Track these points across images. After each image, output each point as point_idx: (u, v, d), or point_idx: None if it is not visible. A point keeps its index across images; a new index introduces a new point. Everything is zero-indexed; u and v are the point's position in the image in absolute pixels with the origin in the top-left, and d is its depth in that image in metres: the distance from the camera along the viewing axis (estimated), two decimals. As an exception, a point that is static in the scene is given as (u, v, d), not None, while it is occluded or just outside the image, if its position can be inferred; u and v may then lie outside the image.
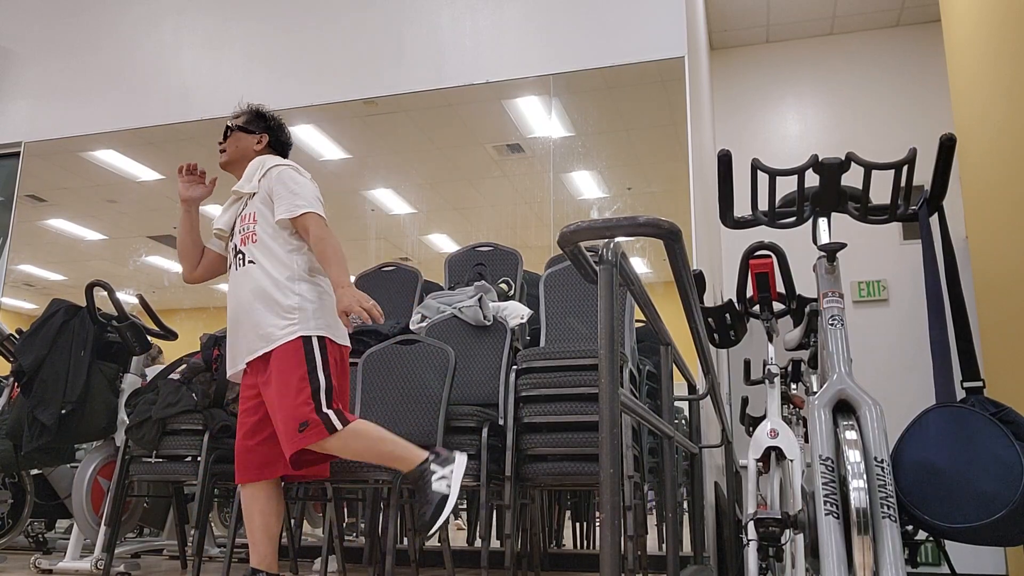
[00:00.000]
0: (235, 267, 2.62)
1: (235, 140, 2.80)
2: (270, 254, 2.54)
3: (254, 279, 2.53)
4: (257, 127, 2.82)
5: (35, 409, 3.49)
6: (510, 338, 3.30)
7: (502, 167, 5.06)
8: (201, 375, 3.53)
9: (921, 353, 5.07)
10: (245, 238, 2.60)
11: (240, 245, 2.61)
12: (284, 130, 2.89)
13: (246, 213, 2.65)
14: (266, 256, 2.54)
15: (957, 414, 1.70)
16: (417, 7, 5.29)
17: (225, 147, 2.80)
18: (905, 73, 6.01)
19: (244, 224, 2.63)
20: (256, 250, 2.56)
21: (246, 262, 2.57)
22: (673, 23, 4.70)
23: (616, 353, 1.37)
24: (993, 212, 3.78)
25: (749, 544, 2.54)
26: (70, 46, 6.07)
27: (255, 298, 2.50)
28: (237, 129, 2.79)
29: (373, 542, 3.56)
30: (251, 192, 2.65)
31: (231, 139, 2.80)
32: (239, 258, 2.60)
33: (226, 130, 2.81)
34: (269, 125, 2.85)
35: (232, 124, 2.79)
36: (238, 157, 2.78)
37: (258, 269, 2.53)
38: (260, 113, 2.86)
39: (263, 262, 2.54)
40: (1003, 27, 3.43)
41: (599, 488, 1.33)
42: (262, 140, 2.81)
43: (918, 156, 1.81)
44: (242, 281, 2.56)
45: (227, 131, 2.81)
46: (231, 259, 2.65)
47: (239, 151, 2.78)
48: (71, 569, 3.51)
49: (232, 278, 2.62)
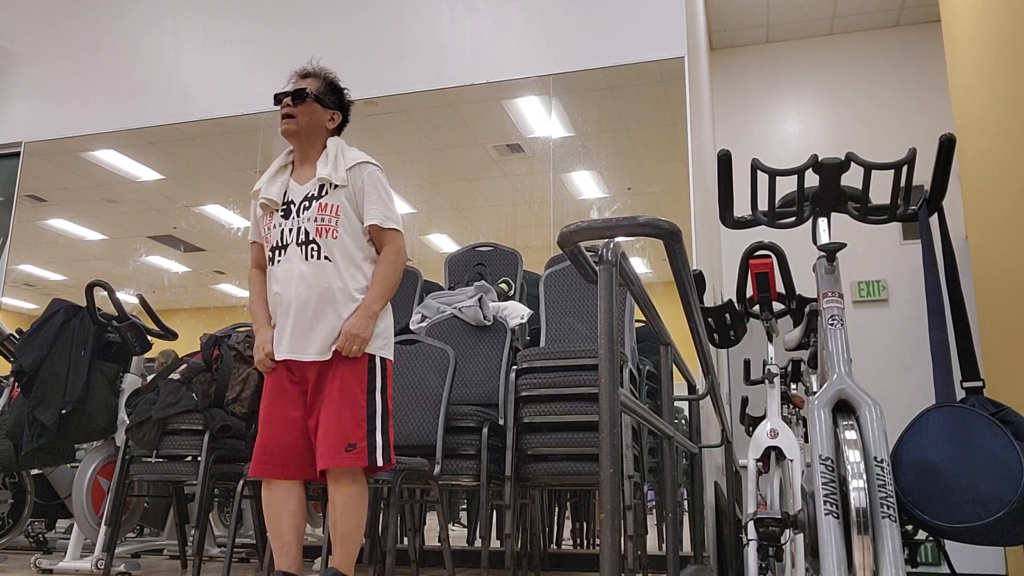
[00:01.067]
0: (302, 253, 2.42)
1: (310, 110, 2.51)
2: (348, 257, 2.43)
3: (328, 278, 2.40)
4: (332, 101, 2.58)
5: (35, 409, 3.49)
6: (510, 338, 3.30)
7: (502, 167, 5.06)
8: (201, 375, 3.53)
9: (921, 353, 5.10)
10: (322, 229, 2.42)
11: (315, 235, 2.42)
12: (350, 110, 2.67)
13: (327, 203, 2.44)
14: (344, 258, 2.42)
15: (957, 414, 1.70)
16: (417, 7, 5.29)
17: (296, 114, 2.49)
18: (905, 73, 6.01)
19: (323, 214, 2.43)
20: (335, 248, 2.42)
21: (321, 256, 2.41)
22: (673, 23, 4.70)
23: (616, 353, 1.37)
24: (993, 212, 3.78)
25: (749, 544, 2.54)
26: (70, 46, 6.07)
27: (329, 299, 2.39)
28: (314, 98, 2.51)
29: (373, 542, 3.56)
30: (335, 182, 2.45)
31: (305, 107, 2.50)
32: (312, 248, 2.41)
33: (297, 93, 2.50)
34: (343, 102, 2.63)
35: (310, 91, 2.51)
36: (308, 130, 2.52)
37: (333, 269, 2.41)
38: (337, 86, 2.62)
39: (340, 263, 2.41)
40: (1003, 27, 3.43)
41: (599, 488, 1.33)
42: (335, 118, 2.59)
43: (918, 156, 1.81)
44: (313, 273, 2.40)
45: (299, 95, 2.50)
46: (290, 237, 2.44)
47: (311, 124, 2.52)
48: (71, 569, 3.51)
49: (295, 263, 2.42)
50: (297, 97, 2.49)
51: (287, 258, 2.44)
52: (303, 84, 2.54)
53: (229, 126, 5.53)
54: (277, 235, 2.48)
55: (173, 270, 5.58)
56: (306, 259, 2.41)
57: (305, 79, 2.57)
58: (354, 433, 2.31)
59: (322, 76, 2.59)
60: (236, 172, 5.55)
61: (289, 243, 2.44)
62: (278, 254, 2.46)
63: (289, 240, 2.45)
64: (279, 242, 2.47)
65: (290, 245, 2.44)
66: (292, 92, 2.50)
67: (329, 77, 2.60)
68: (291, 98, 2.50)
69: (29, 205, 5.91)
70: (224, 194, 5.57)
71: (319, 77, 2.58)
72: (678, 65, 4.64)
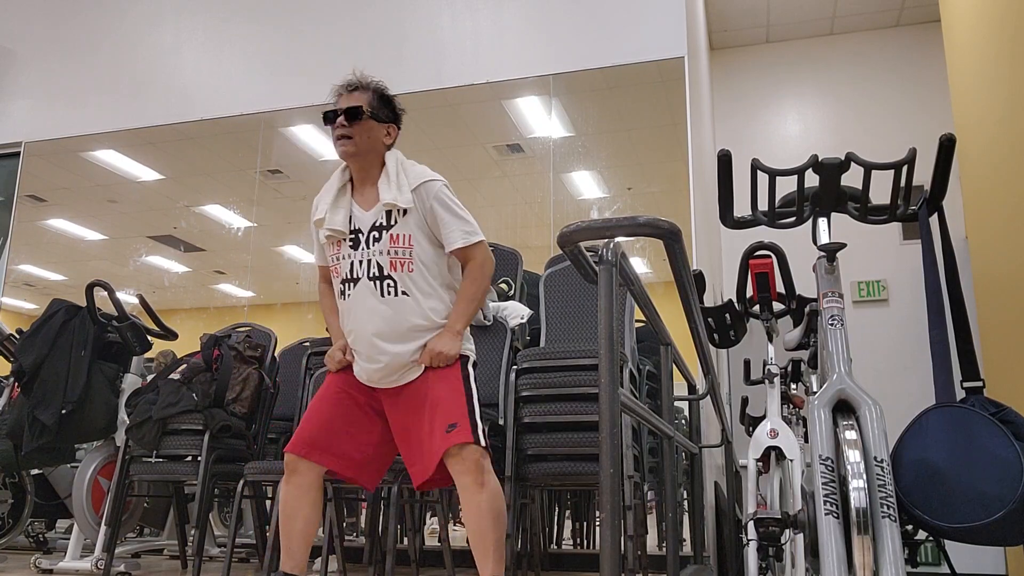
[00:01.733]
0: (376, 289, 2.30)
1: (366, 129, 2.35)
2: (426, 288, 2.32)
3: (408, 316, 2.29)
4: (386, 115, 2.42)
5: (35, 409, 3.49)
6: (510, 338, 3.30)
7: (502, 167, 5.06)
8: (201, 375, 3.53)
9: (921, 353, 5.10)
10: (396, 263, 2.29)
11: (389, 269, 2.29)
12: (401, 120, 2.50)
13: (398, 234, 2.30)
14: (421, 291, 2.31)
15: (957, 414, 1.70)
16: (417, 7, 5.29)
17: (352, 134, 2.33)
18: (905, 73, 6.01)
19: (395, 246, 2.30)
20: (411, 281, 2.29)
21: (398, 292, 2.29)
22: (673, 23, 4.70)
23: (616, 353, 1.37)
24: (993, 212, 3.78)
25: (749, 544, 2.54)
26: (70, 46, 6.07)
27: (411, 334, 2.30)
28: (370, 115, 2.36)
29: (373, 542, 3.56)
30: (401, 206, 2.30)
31: (362, 127, 2.34)
32: (388, 284, 2.29)
33: (352, 112, 2.33)
34: (397, 113, 2.46)
35: (365, 109, 2.35)
36: (366, 149, 2.36)
37: (413, 304, 2.29)
38: (388, 97, 2.45)
39: (418, 297, 2.30)
40: (1003, 27, 3.43)
41: (599, 488, 1.33)
42: (391, 132, 2.44)
43: (918, 156, 1.81)
44: (391, 311, 2.29)
45: (354, 113, 2.33)
46: (361, 271, 2.31)
47: (369, 143, 2.36)
48: (71, 569, 3.51)
49: (369, 299, 2.30)
50: (352, 116, 2.33)
51: (359, 293, 2.32)
52: (354, 100, 2.37)
53: (229, 126, 5.53)
54: (347, 268, 2.34)
55: (173, 270, 5.58)
56: (382, 295, 2.29)
57: (354, 93, 2.39)
58: (455, 416, 2.22)
59: (371, 88, 2.42)
60: (236, 172, 5.55)
61: (360, 277, 2.31)
62: (349, 287, 2.34)
63: (360, 274, 2.32)
64: (349, 275, 2.34)
65: (361, 279, 2.31)
66: (345, 111, 2.33)
67: (379, 88, 2.44)
68: (345, 117, 2.33)
69: (29, 205, 5.91)
70: (224, 194, 5.57)
71: (368, 89, 2.41)
72: (678, 65, 4.64)
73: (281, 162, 5.47)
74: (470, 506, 2.19)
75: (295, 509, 2.30)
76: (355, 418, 2.36)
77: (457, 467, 2.20)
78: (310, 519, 2.32)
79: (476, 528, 2.19)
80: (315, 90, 5.35)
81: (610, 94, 4.88)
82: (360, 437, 2.36)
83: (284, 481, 2.33)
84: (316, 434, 2.31)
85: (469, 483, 2.19)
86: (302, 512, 2.30)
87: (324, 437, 2.31)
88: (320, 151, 5.49)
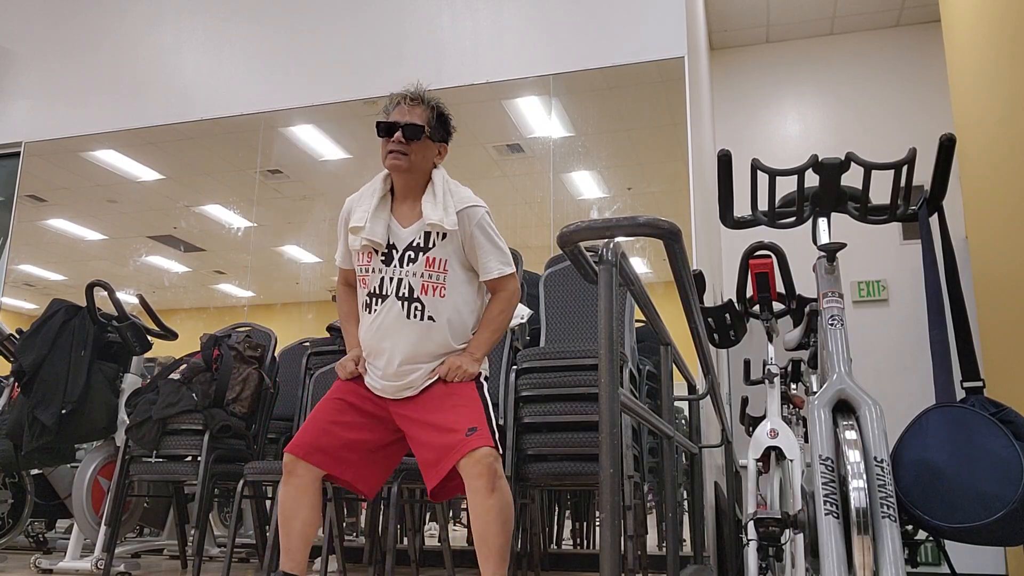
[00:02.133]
0: (403, 310, 2.27)
1: (423, 149, 2.31)
2: (456, 316, 2.31)
3: (431, 339, 2.28)
4: (440, 135, 2.38)
5: (35, 409, 3.49)
6: (510, 338, 3.30)
7: (502, 167, 5.06)
8: (201, 375, 3.53)
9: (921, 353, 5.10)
10: (428, 287, 2.27)
11: (420, 292, 2.27)
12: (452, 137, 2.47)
13: (435, 257, 2.28)
14: (449, 320, 2.29)
15: (957, 414, 1.70)
16: (417, 7, 5.29)
17: (409, 152, 2.29)
18: (905, 73, 6.01)
19: (430, 270, 2.27)
20: (440, 306, 2.28)
21: (424, 316, 2.27)
22: (673, 23, 4.70)
23: (616, 353, 1.37)
24: (993, 212, 3.78)
25: (749, 544, 2.54)
26: (70, 46, 6.08)
27: (431, 359, 2.30)
28: (427, 137, 2.32)
29: (373, 542, 3.56)
30: (446, 228, 2.26)
31: (420, 146, 2.30)
32: (416, 307, 2.26)
33: (413, 130, 2.29)
34: (449, 131, 2.43)
35: (426, 128, 2.32)
36: (417, 168, 2.32)
37: (438, 330, 2.28)
38: (445, 116, 2.40)
39: (445, 326, 2.29)
40: (1003, 27, 3.43)
41: (599, 488, 1.33)
42: (442, 152, 2.41)
43: (918, 156, 1.81)
44: (414, 332, 2.27)
45: (415, 132, 2.29)
46: (390, 288, 2.28)
47: (422, 163, 2.33)
48: (71, 569, 3.51)
49: (394, 318, 2.28)
50: (411, 134, 2.28)
51: (386, 310, 2.29)
52: (415, 116, 2.32)
53: (229, 126, 5.53)
54: (376, 281, 2.31)
55: (173, 270, 5.58)
56: (408, 317, 2.27)
57: (415, 108, 2.34)
58: (473, 420, 2.22)
59: (432, 105, 2.37)
60: (236, 172, 5.55)
61: (389, 294, 2.28)
62: (376, 302, 2.31)
63: (389, 291, 2.28)
64: (378, 290, 2.30)
65: (390, 296, 2.28)
66: (404, 127, 2.28)
67: (440, 107, 2.39)
68: (403, 134, 2.28)
69: (29, 205, 5.91)
70: (224, 194, 5.57)
71: (429, 107, 2.36)
72: (678, 65, 4.64)
73: (281, 162, 5.47)
74: (479, 509, 2.18)
75: (294, 510, 2.29)
76: (358, 426, 2.35)
77: (472, 470, 2.18)
78: (308, 520, 2.31)
79: (482, 531, 2.18)
80: (315, 90, 5.36)
81: (610, 94, 4.88)
82: (361, 445, 2.35)
83: (283, 482, 2.32)
84: (317, 438, 2.30)
85: (481, 486, 2.17)
86: (301, 513, 2.30)
87: (324, 441, 2.30)
88: (320, 151, 5.49)
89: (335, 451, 2.30)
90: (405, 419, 2.34)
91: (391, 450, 2.41)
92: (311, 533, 2.33)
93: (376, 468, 2.39)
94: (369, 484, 2.39)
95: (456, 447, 2.19)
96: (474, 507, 2.19)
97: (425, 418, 2.30)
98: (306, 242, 5.33)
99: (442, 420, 2.26)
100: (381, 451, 2.39)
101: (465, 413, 2.25)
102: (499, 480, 2.19)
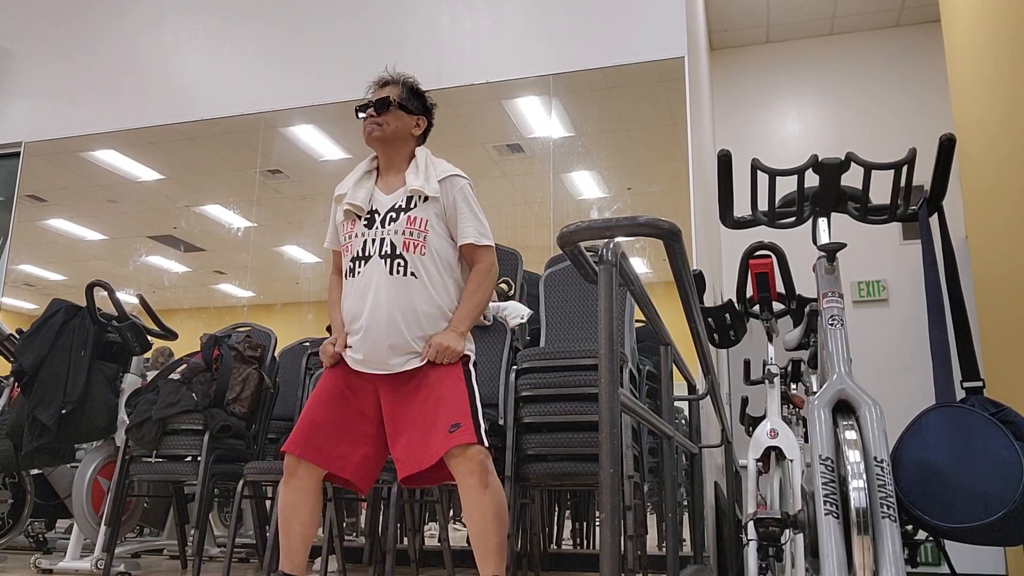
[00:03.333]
0: (386, 266, 2.33)
1: (395, 117, 2.44)
2: (434, 275, 2.35)
3: (413, 297, 2.31)
4: (416, 106, 2.50)
5: (35, 409, 3.49)
6: (510, 338, 3.30)
7: (502, 167, 5.06)
8: (201, 375, 3.53)
9: (921, 353, 5.10)
10: (410, 243, 2.34)
11: (402, 248, 2.33)
12: (433, 114, 2.58)
13: (416, 216, 2.36)
14: (430, 277, 2.34)
15: (957, 414, 1.70)
16: (417, 7, 5.29)
17: (383, 122, 2.42)
18: (905, 73, 6.01)
19: (411, 227, 2.35)
20: (421, 264, 2.33)
21: (407, 272, 2.32)
22: (673, 23, 4.70)
23: (616, 353, 1.37)
24: (993, 212, 3.78)
25: (749, 544, 2.54)
26: (70, 46, 6.07)
27: (414, 319, 2.31)
28: (398, 106, 2.45)
29: (373, 542, 3.56)
30: (427, 193, 2.37)
31: (391, 115, 2.43)
32: (398, 263, 2.33)
33: (381, 102, 2.43)
34: (427, 106, 2.55)
35: (394, 99, 2.45)
36: (393, 137, 2.45)
37: (420, 287, 2.32)
38: (418, 91, 2.54)
39: (427, 282, 2.33)
40: (1003, 27, 3.43)
41: (599, 488, 1.33)
42: (420, 124, 2.51)
43: (918, 156, 1.81)
44: (396, 288, 2.31)
45: (382, 103, 2.43)
46: (373, 248, 2.35)
47: (396, 131, 2.45)
48: (71, 569, 3.51)
49: (377, 275, 2.34)
50: (380, 106, 2.43)
51: (368, 269, 2.35)
52: (384, 93, 2.48)
53: (229, 126, 5.53)
54: (359, 245, 2.38)
55: (173, 270, 5.58)
56: (390, 273, 2.33)
57: (385, 87, 2.50)
58: (458, 416, 2.23)
59: (401, 82, 2.51)
60: (236, 172, 5.55)
61: (372, 255, 2.35)
62: (359, 264, 2.37)
63: (372, 252, 2.36)
64: (360, 252, 2.38)
65: (372, 257, 2.35)
66: (375, 102, 2.43)
67: (409, 82, 2.53)
68: (374, 108, 2.43)
69: (29, 205, 5.91)
70: (224, 194, 5.57)
71: (398, 83, 2.51)
72: (678, 65, 4.64)
73: (281, 162, 5.47)
74: (473, 507, 2.19)
75: (294, 511, 2.30)
76: (350, 418, 2.36)
77: (461, 468, 2.19)
78: (308, 522, 2.31)
79: (479, 529, 2.19)
80: (315, 90, 5.36)
81: (610, 94, 4.88)
82: (354, 439, 2.35)
83: (283, 483, 2.33)
84: (312, 433, 2.31)
85: (474, 484, 2.18)
86: (300, 515, 2.30)
87: (319, 436, 2.31)
88: (320, 151, 5.49)
89: (330, 447, 2.32)
90: (387, 404, 2.35)
91: (382, 443, 2.41)
92: (310, 534, 2.33)
93: (372, 462, 2.40)
94: (364, 480, 2.40)
95: (437, 445, 2.20)
96: (468, 506, 2.20)
97: (403, 407, 2.31)
98: (306, 242, 5.33)
99: (423, 413, 2.27)
100: (373, 444, 2.39)
101: (448, 407, 2.25)
102: (491, 476, 2.21)
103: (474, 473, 2.18)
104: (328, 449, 2.31)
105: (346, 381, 2.38)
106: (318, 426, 2.32)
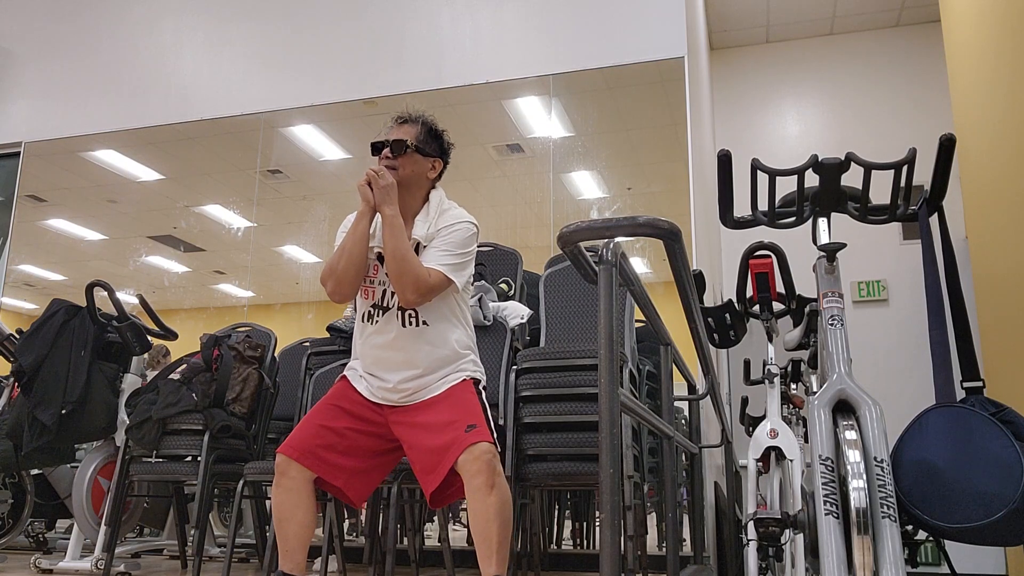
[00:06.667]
0: (398, 319, 2.34)
1: (411, 161, 2.38)
2: (441, 316, 2.36)
3: (426, 343, 2.33)
4: (433, 148, 2.44)
5: (35, 409, 3.49)
6: (510, 338, 3.30)
7: (502, 167, 5.06)
8: (201, 375, 3.53)
9: (921, 353, 5.10)
10: None
11: None
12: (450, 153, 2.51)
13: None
14: (441, 318, 2.35)
15: (957, 414, 1.70)
16: (417, 7, 5.29)
17: (398, 166, 2.36)
18: (905, 73, 6.01)
19: None
20: (431, 310, 2.34)
21: (419, 322, 2.33)
22: (673, 23, 4.70)
23: (616, 353, 1.37)
24: (993, 212, 3.78)
25: (749, 544, 2.54)
26: (70, 46, 6.07)
27: (429, 362, 2.34)
28: (415, 149, 2.39)
29: (373, 542, 3.56)
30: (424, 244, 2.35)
31: (407, 158, 2.37)
32: (409, 315, 2.34)
33: (397, 144, 2.37)
34: (444, 148, 2.48)
35: (411, 141, 2.39)
36: (409, 181, 2.39)
37: (433, 333, 2.34)
38: (437, 132, 2.47)
39: (438, 326, 2.35)
40: (1003, 27, 3.43)
41: (599, 488, 1.33)
42: (436, 166, 2.45)
43: (918, 156, 1.81)
44: (411, 339, 2.33)
45: (399, 146, 2.37)
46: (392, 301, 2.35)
47: (413, 175, 2.39)
48: (71, 569, 3.51)
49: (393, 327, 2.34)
50: (397, 148, 2.37)
51: (386, 322, 2.35)
52: (401, 133, 2.41)
53: (229, 126, 5.53)
54: (379, 294, 2.38)
55: (173, 270, 5.58)
56: (403, 325, 2.34)
57: (402, 127, 2.44)
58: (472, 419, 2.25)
59: (420, 122, 2.45)
60: (236, 172, 5.55)
61: (391, 307, 2.35)
62: (378, 313, 2.37)
63: (391, 303, 2.36)
64: (380, 301, 2.38)
65: (391, 309, 2.35)
66: (391, 143, 2.38)
67: (428, 122, 2.47)
68: (390, 149, 2.37)
69: (29, 205, 5.91)
70: (224, 194, 5.57)
71: (417, 123, 2.45)
72: (678, 65, 4.64)
73: (281, 162, 5.47)
74: (479, 508, 2.18)
75: (288, 512, 2.29)
76: (353, 433, 2.35)
77: (471, 467, 2.18)
78: (304, 521, 2.30)
79: (482, 530, 2.18)
80: (315, 90, 5.36)
81: (610, 94, 4.88)
82: (354, 452, 2.35)
83: (275, 483, 2.31)
84: (310, 440, 2.31)
85: (481, 484, 2.18)
86: (296, 516, 2.29)
87: (317, 444, 2.30)
88: (320, 151, 5.49)
89: (327, 456, 2.31)
90: (401, 425, 2.35)
91: (384, 459, 2.41)
92: (307, 533, 2.32)
93: (366, 477, 2.39)
94: (358, 492, 2.38)
95: (454, 444, 2.20)
96: (473, 505, 2.19)
97: (422, 420, 2.31)
98: (306, 242, 5.33)
99: (439, 419, 2.27)
100: (374, 459, 2.38)
101: (463, 412, 2.26)
102: (498, 477, 2.20)
103: (482, 472, 2.17)
104: (322, 455, 2.31)
105: (351, 398, 2.39)
106: (315, 434, 2.31)
